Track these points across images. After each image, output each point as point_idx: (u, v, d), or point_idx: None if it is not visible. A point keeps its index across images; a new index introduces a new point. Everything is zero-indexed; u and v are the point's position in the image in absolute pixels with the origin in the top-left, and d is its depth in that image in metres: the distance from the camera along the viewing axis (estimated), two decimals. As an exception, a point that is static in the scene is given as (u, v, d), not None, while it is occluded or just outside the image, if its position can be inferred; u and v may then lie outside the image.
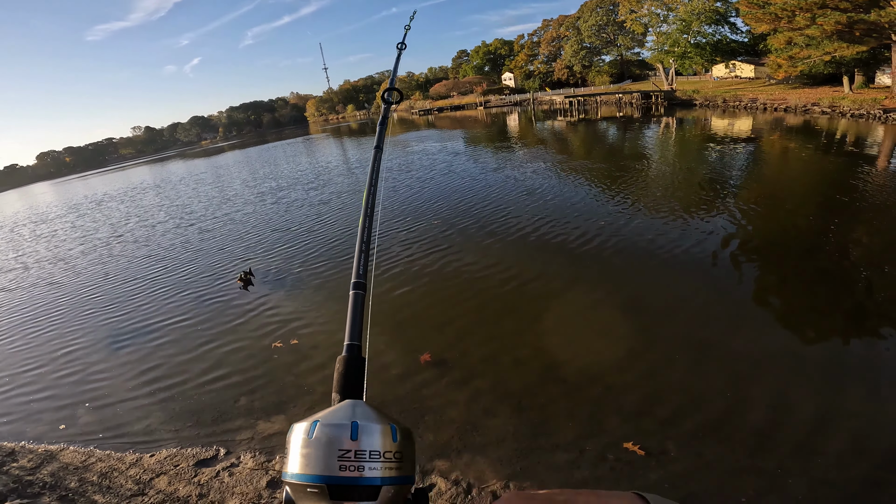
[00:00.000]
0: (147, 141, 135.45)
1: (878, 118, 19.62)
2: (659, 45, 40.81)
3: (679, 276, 6.72)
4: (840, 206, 9.05)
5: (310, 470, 0.42)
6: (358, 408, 0.49)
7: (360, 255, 0.69)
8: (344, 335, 0.61)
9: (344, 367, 0.59)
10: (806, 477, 3.28)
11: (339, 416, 0.46)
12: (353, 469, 0.42)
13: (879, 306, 5.39)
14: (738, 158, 14.87)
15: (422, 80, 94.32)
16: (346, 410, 0.48)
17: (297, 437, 0.45)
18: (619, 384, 4.52)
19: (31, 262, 14.42)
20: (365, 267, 0.68)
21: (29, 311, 9.55)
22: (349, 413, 0.47)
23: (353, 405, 0.50)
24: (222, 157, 54.71)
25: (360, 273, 0.67)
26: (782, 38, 23.95)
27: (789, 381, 4.27)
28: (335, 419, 0.45)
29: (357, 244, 0.71)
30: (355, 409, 0.49)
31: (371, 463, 0.43)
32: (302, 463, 0.43)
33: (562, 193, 11.96)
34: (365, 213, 0.77)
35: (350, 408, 0.49)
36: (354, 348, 0.61)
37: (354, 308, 0.64)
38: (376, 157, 0.93)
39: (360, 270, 0.67)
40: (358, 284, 0.66)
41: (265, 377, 5.59)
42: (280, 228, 12.91)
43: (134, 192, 31.40)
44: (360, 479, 0.42)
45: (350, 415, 0.46)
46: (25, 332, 8.37)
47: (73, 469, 4.34)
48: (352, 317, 0.63)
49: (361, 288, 0.66)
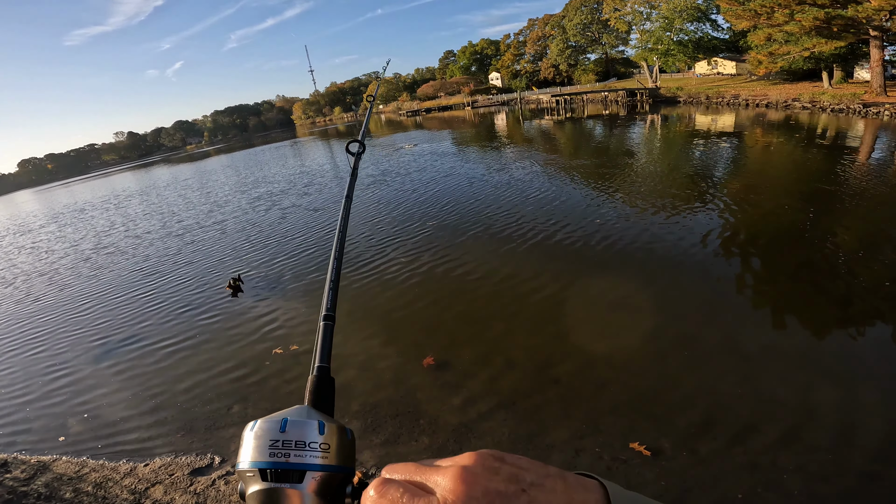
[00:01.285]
0: (130, 146, 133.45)
1: (857, 112, 20.05)
2: (643, 43, 41.29)
3: (669, 272, 6.80)
4: (824, 198, 9.25)
5: (251, 458, 0.50)
6: (300, 409, 0.55)
7: (328, 292, 0.78)
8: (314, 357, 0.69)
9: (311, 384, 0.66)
10: (801, 472, 3.32)
11: (277, 415, 0.53)
12: (281, 456, 0.49)
13: (869, 298, 5.51)
14: (722, 154, 15.10)
15: (409, 81, 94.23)
16: (287, 411, 0.54)
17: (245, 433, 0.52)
18: (614, 382, 4.58)
19: (16, 274, 14.15)
20: (334, 301, 0.77)
21: (16, 323, 9.37)
22: (286, 413, 0.53)
23: (297, 408, 0.56)
24: (208, 161, 54.12)
25: (329, 307, 0.75)
26: (762, 34, 24.36)
27: (782, 376, 4.34)
28: (272, 417, 0.52)
29: (327, 281, 0.80)
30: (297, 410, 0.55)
31: (296, 451, 0.50)
32: (244, 454, 0.51)
33: (552, 193, 12.04)
34: (334, 255, 0.85)
35: (292, 410, 0.55)
36: (324, 369, 0.68)
37: (325, 336, 0.72)
38: (346, 206, 1.00)
39: (328, 304, 0.76)
40: (327, 316, 0.74)
41: (258, 384, 5.55)
42: (271, 235, 12.82)
43: (118, 199, 30.92)
44: (285, 464, 0.49)
45: (287, 414, 0.53)
46: (14, 344, 8.21)
47: (68, 479, 4.29)
48: (322, 343, 0.71)
49: (331, 319, 0.74)
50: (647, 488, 3.34)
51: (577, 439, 3.89)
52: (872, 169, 11.34)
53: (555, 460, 3.72)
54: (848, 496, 3.15)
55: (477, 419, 4.31)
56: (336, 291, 0.78)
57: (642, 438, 3.77)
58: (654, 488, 3.33)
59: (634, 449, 3.68)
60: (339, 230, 0.92)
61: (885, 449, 3.42)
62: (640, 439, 3.76)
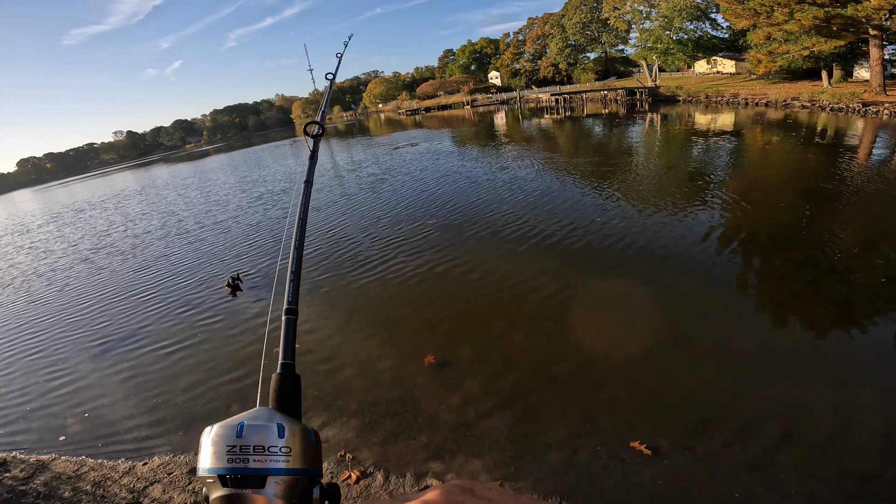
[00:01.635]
0: (129, 146, 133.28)
1: (857, 112, 20.03)
2: (642, 41, 41.25)
3: (668, 271, 6.81)
4: (823, 197, 9.25)
5: (209, 464, 0.50)
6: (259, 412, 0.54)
7: (290, 284, 0.76)
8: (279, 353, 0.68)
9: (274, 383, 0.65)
10: (798, 472, 3.33)
11: (235, 419, 0.52)
12: (239, 462, 0.49)
13: (866, 296, 5.52)
14: (722, 153, 15.10)
15: (408, 80, 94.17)
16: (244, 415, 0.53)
17: (203, 438, 0.52)
18: (612, 381, 4.58)
19: (15, 275, 14.15)
20: (296, 294, 0.75)
21: (15, 324, 9.37)
22: (245, 416, 0.53)
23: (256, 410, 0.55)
24: (207, 161, 54.05)
25: (290, 300, 0.73)
26: (762, 33, 24.33)
27: (779, 375, 4.34)
28: (229, 422, 0.52)
29: (288, 273, 0.77)
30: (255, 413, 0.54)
31: (255, 456, 0.49)
32: (202, 459, 0.50)
33: (552, 192, 12.03)
34: (294, 245, 0.82)
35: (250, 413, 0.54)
36: (288, 366, 0.67)
37: (288, 331, 0.69)
38: (306, 191, 0.96)
39: (290, 298, 0.74)
40: (290, 310, 0.72)
41: (256, 384, 5.51)
42: (269, 233, 12.82)
43: (117, 199, 30.90)
44: (244, 469, 0.49)
45: (244, 417, 0.52)
46: (13, 344, 8.21)
47: (67, 478, 4.30)
48: (286, 339, 0.69)
49: (293, 313, 0.72)
50: (644, 487, 3.35)
51: (575, 438, 3.89)
52: (871, 168, 11.35)
53: (552, 459, 3.73)
54: (845, 496, 3.15)
55: (475, 418, 4.32)
56: (297, 283, 0.77)
57: (641, 437, 3.77)
58: (651, 488, 3.34)
59: (634, 448, 3.68)
60: (300, 217, 0.88)
61: (883, 448, 3.42)
62: (639, 438, 3.77)
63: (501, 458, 3.80)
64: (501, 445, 3.94)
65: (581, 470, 3.57)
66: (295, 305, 0.73)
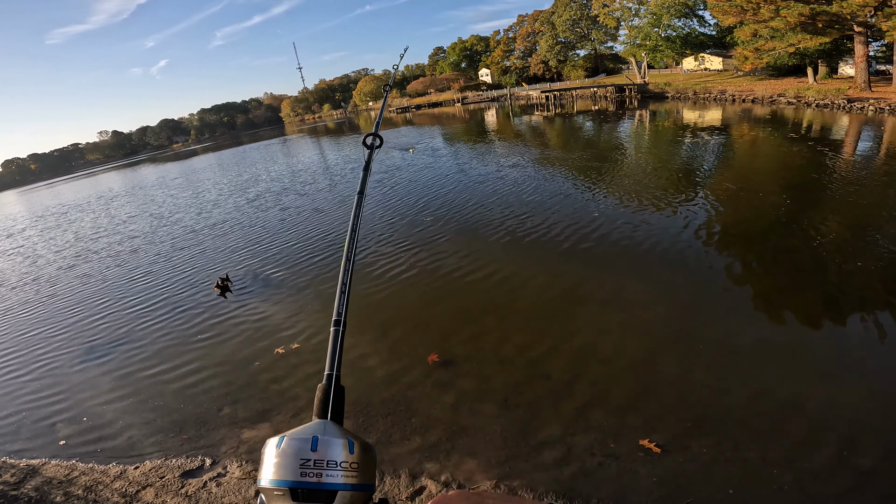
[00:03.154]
0: (115, 146, 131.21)
1: (842, 108, 20.34)
2: (631, 38, 41.47)
3: (659, 267, 6.85)
4: (811, 191, 9.38)
5: (277, 476, 0.49)
6: (325, 426, 0.55)
7: (340, 295, 0.75)
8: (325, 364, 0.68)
9: (322, 394, 0.66)
10: (791, 468, 3.35)
11: (305, 431, 0.53)
12: (313, 476, 0.49)
13: (855, 290, 5.60)
14: (710, 149, 15.24)
15: (399, 77, 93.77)
16: (314, 427, 0.55)
17: (269, 449, 0.52)
18: (604, 378, 4.61)
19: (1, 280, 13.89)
20: (346, 306, 0.74)
21: (2, 327, 9.21)
22: (313, 429, 0.54)
23: (322, 423, 0.56)
24: (194, 160, 53.43)
25: (339, 311, 0.72)
26: (748, 30, 24.60)
27: (771, 370, 4.38)
28: (300, 434, 0.53)
29: (339, 284, 0.76)
30: (323, 426, 0.55)
31: (328, 471, 0.50)
32: (271, 471, 0.50)
33: (542, 189, 12.06)
34: (346, 257, 0.82)
35: (318, 425, 0.55)
36: (331, 378, 0.67)
37: (334, 342, 0.69)
38: (358, 203, 0.95)
39: (340, 309, 0.73)
40: (337, 321, 0.71)
41: (247, 385, 5.50)
42: (259, 235, 12.70)
43: (103, 200, 30.46)
44: (319, 484, 0.49)
45: (314, 430, 0.53)
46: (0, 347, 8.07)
47: (58, 483, 4.24)
48: (332, 350, 0.69)
49: (341, 325, 0.72)
50: (639, 485, 3.37)
51: (570, 436, 3.91)
52: (856, 162, 11.53)
53: (546, 458, 3.74)
54: (836, 491, 3.18)
55: (470, 417, 4.32)
56: (347, 295, 0.76)
57: (635, 435, 3.80)
58: (646, 485, 3.37)
59: (641, 445, 3.70)
60: (351, 229, 0.87)
61: (875, 444, 3.46)
62: (633, 436, 3.79)
63: (496, 458, 3.80)
64: (496, 444, 3.94)
65: (576, 468, 3.58)
66: (343, 317, 0.73)
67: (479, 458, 3.82)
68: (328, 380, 0.66)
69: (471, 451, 3.91)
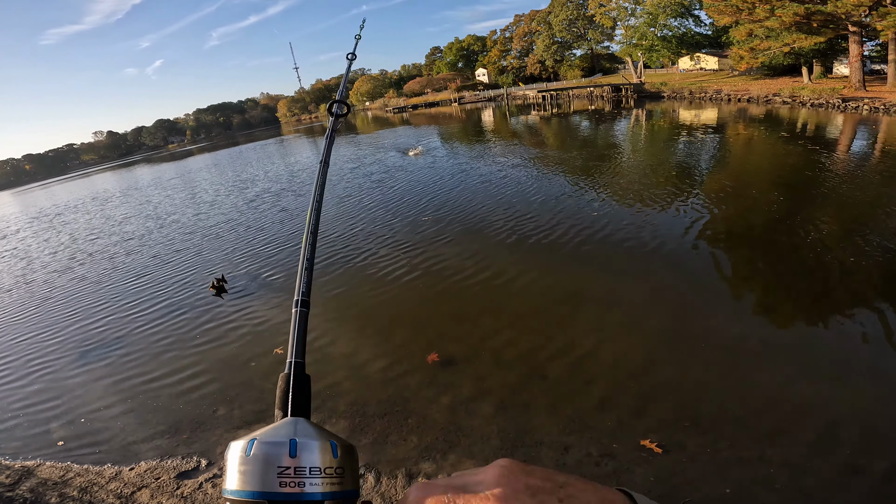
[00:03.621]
0: (110, 146, 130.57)
1: (836, 107, 20.43)
2: (627, 38, 41.55)
3: (658, 267, 6.85)
4: (804, 190, 9.41)
5: (249, 486, 0.43)
6: (298, 425, 0.50)
7: (303, 273, 0.68)
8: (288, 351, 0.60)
9: (286, 385, 0.57)
10: (787, 466, 3.36)
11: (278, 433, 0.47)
12: (294, 485, 0.43)
13: (847, 288, 5.63)
14: (705, 148, 15.28)
15: (395, 77, 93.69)
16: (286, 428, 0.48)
17: (233, 454, 0.45)
18: (600, 377, 4.61)
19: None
20: (309, 284, 0.67)
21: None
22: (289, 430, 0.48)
23: (294, 422, 0.50)
24: (191, 160, 53.23)
25: (303, 290, 0.66)
26: (744, 29, 24.68)
27: (767, 369, 4.39)
28: (273, 437, 0.46)
29: (301, 261, 0.70)
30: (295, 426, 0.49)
31: (311, 479, 0.44)
32: (241, 479, 0.44)
33: (540, 189, 12.05)
34: (309, 229, 0.75)
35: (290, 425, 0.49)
36: (299, 366, 0.59)
37: (299, 325, 0.63)
38: (322, 171, 0.88)
39: (303, 288, 0.66)
40: (302, 302, 0.65)
41: (243, 386, 5.47)
42: (253, 235, 12.67)
43: (97, 201, 30.31)
44: (301, 494, 0.43)
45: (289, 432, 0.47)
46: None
47: (53, 484, 4.22)
48: (296, 334, 0.62)
49: (305, 305, 0.65)
50: (636, 484, 3.37)
51: (566, 435, 3.91)
52: (851, 161, 11.59)
53: (543, 457, 3.73)
54: (833, 490, 3.19)
55: (466, 417, 4.31)
56: (311, 272, 0.69)
57: (632, 435, 3.80)
58: (643, 484, 3.37)
59: (628, 445, 3.70)
60: (315, 200, 0.80)
61: (870, 442, 3.47)
62: (630, 435, 3.79)
63: (493, 457, 3.77)
64: (492, 444, 3.93)
65: (573, 468, 3.58)
66: (307, 297, 0.66)
67: (476, 458, 3.82)
68: (295, 368, 0.58)
69: (467, 450, 3.91)
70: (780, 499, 3.15)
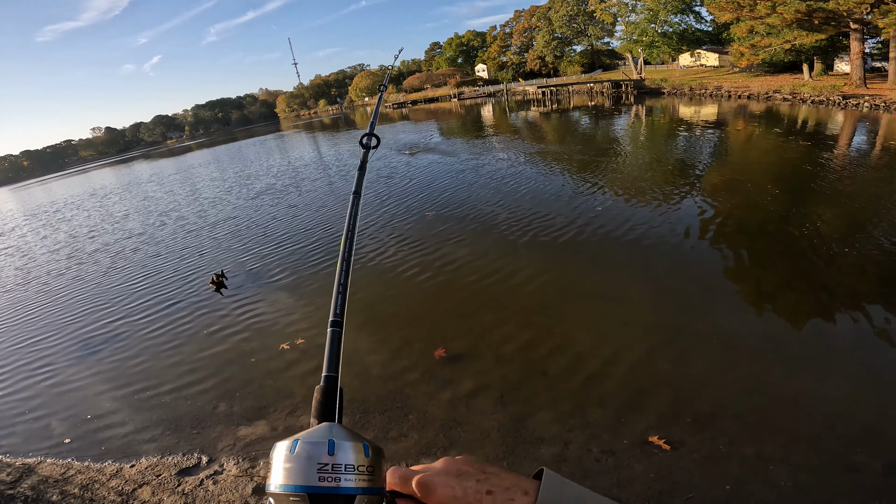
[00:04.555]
0: (108, 142, 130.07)
1: (837, 104, 20.39)
2: (628, 34, 41.40)
3: (656, 261, 6.85)
4: (807, 186, 9.41)
5: (293, 481, 0.48)
6: (333, 428, 0.55)
7: (337, 296, 0.73)
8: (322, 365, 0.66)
9: (322, 396, 0.63)
10: (785, 463, 3.36)
11: (318, 434, 0.53)
12: (332, 480, 0.48)
13: (850, 283, 5.63)
14: (706, 144, 15.25)
15: (395, 73, 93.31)
16: (324, 430, 0.54)
17: (279, 453, 0.50)
18: (601, 374, 4.61)
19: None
20: (343, 307, 0.72)
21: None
22: (326, 433, 0.53)
23: (329, 426, 0.56)
24: (190, 156, 53.05)
25: (337, 312, 0.71)
26: (744, 26, 24.59)
27: (768, 366, 4.39)
28: (314, 437, 0.52)
29: (335, 285, 0.75)
30: (331, 429, 0.55)
31: (346, 475, 0.49)
32: (285, 475, 0.48)
33: (541, 185, 12.03)
34: (343, 257, 0.80)
35: (326, 428, 0.55)
36: (332, 379, 0.65)
37: (332, 343, 0.68)
38: (354, 202, 0.93)
39: (337, 310, 0.72)
40: (335, 322, 0.70)
41: (242, 382, 5.47)
42: (259, 233, 12.64)
43: (96, 198, 30.24)
44: (337, 489, 0.48)
45: (327, 434, 0.53)
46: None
47: (54, 482, 4.22)
48: (330, 351, 0.67)
49: (339, 326, 0.71)
50: (636, 480, 3.38)
51: (567, 432, 3.91)
52: (851, 158, 11.58)
53: (544, 453, 3.73)
54: (832, 486, 3.19)
55: (466, 413, 4.31)
56: (345, 296, 0.74)
57: (632, 431, 3.81)
58: (643, 480, 3.37)
59: (628, 441, 3.71)
60: (348, 229, 0.86)
61: (869, 439, 3.47)
62: (630, 432, 3.80)
63: (493, 454, 3.79)
64: (493, 440, 3.94)
65: (573, 464, 3.59)
66: (341, 318, 0.71)
67: (476, 454, 3.82)
68: (327, 381, 0.65)
69: (467, 447, 3.91)
70: (779, 495, 3.16)
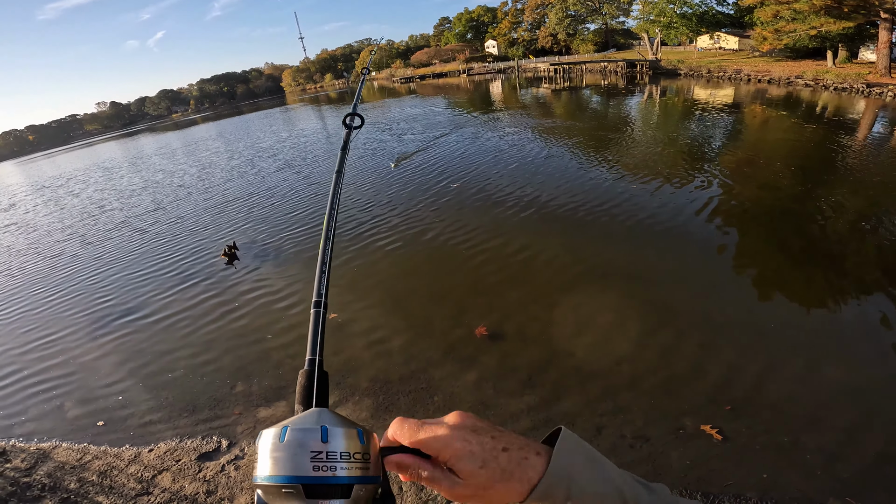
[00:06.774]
0: (113, 116, 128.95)
1: (860, 92, 19.79)
2: (645, 14, 40.16)
3: (686, 245, 6.68)
4: (825, 172, 9.13)
5: (284, 471, 0.45)
6: (324, 414, 0.52)
7: (320, 276, 0.71)
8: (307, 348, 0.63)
9: (307, 381, 0.60)
10: (821, 453, 3.30)
11: (309, 421, 0.49)
12: (326, 469, 0.45)
13: (871, 271, 5.46)
14: (722, 127, 14.85)
15: (402, 48, 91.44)
16: (314, 416, 0.51)
17: (266, 441, 0.47)
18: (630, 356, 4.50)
19: (3, 251, 13.73)
20: (326, 286, 0.70)
21: (5, 302, 9.07)
22: (318, 419, 0.50)
23: (319, 412, 0.53)
24: (195, 129, 52.50)
25: (320, 292, 0.69)
26: (770, 10, 23.71)
27: (799, 354, 4.28)
28: (305, 424, 0.48)
29: (318, 265, 0.72)
30: (321, 415, 0.51)
31: (342, 463, 0.46)
32: (275, 465, 0.45)
33: (558, 164, 11.72)
34: (325, 236, 0.77)
35: (316, 414, 0.52)
36: (315, 362, 0.62)
37: (315, 325, 0.65)
38: (337, 181, 0.92)
39: (320, 290, 0.69)
40: (318, 303, 0.67)
41: (259, 360, 5.37)
42: (265, 203, 12.46)
43: (102, 170, 30.07)
44: (333, 478, 0.45)
45: (318, 420, 0.49)
46: (3, 324, 7.93)
47: (70, 468, 4.08)
48: (313, 333, 0.64)
49: (322, 306, 0.67)
50: (671, 467, 3.32)
51: (598, 416, 3.83)
52: (871, 145, 11.26)
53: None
54: (867, 477, 3.14)
55: (493, 395, 4.23)
56: (328, 275, 0.72)
57: (667, 416, 3.73)
58: (678, 467, 3.31)
59: (662, 427, 3.63)
60: (330, 207, 0.85)
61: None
62: (662, 417, 3.72)
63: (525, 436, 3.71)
64: (522, 424, 3.85)
65: (606, 451, 3.50)
66: (324, 298, 0.68)
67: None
68: (311, 365, 0.61)
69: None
70: (816, 484, 3.11)
